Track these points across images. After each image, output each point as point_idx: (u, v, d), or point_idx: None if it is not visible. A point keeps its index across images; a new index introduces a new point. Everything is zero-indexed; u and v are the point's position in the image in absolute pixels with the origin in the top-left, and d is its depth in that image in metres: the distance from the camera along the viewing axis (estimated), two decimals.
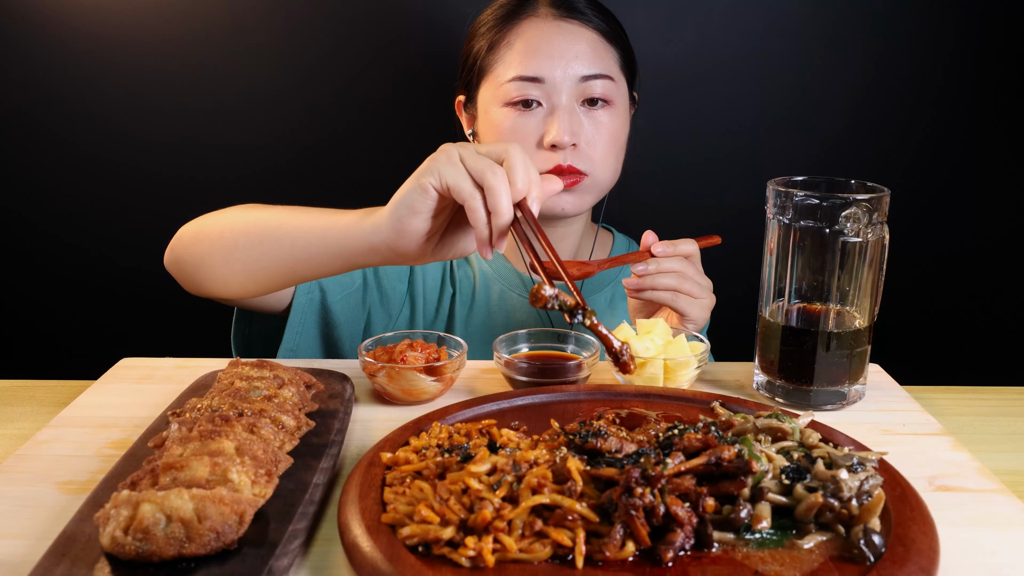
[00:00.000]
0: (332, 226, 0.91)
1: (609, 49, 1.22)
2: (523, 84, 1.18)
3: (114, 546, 0.59)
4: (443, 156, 0.83)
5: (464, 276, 1.33)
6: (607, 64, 1.21)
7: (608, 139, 1.21)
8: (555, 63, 1.18)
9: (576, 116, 1.19)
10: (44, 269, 1.68)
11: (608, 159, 1.22)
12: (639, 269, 1.07)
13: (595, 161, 1.21)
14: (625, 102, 1.25)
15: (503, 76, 1.20)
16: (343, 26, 1.57)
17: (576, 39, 1.19)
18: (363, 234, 0.89)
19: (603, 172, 1.23)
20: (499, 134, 1.22)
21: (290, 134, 1.62)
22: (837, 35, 1.57)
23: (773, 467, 0.68)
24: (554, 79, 1.18)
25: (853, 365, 0.92)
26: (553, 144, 1.18)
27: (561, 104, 1.18)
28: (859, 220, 0.87)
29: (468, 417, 0.85)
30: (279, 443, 0.75)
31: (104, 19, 1.54)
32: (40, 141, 1.61)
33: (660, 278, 1.07)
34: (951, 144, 1.62)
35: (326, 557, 0.65)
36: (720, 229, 1.64)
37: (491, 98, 1.22)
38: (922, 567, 0.60)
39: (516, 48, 1.20)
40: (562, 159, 1.18)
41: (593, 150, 1.20)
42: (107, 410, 0.92)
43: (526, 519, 0.63)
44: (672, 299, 1.07)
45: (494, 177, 0.80)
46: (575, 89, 1.19)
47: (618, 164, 1.26)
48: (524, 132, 1.20)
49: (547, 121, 1.19)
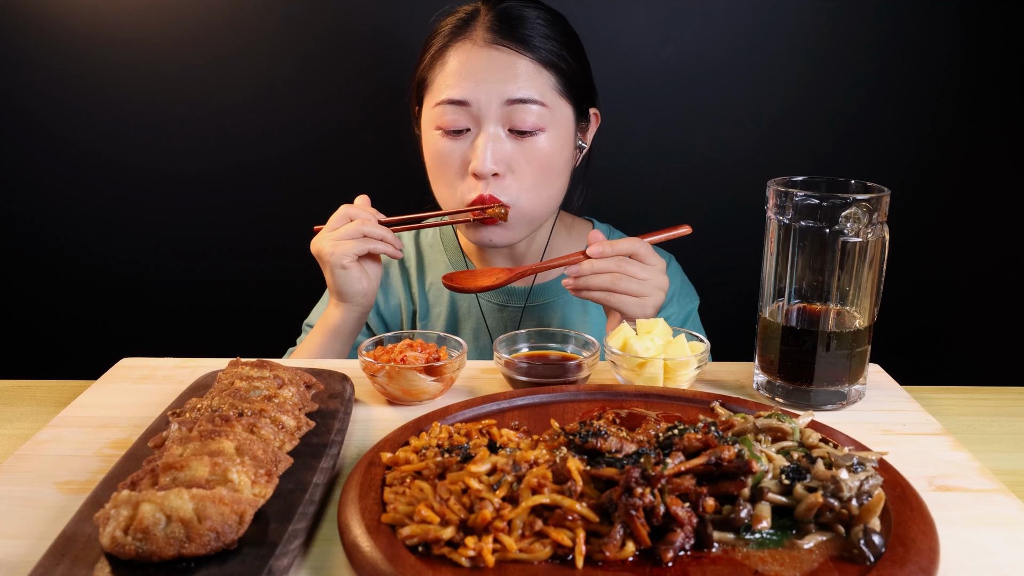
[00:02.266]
0: (334, 330, 1.22)
1: (544, 74, 1.18)
2: (450, 107, 1.17)
3: (114, 546, 0.59)
4: (328, 244, 1.15)
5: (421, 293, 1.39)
6: (539, 89, 1.17)
7: (538, 167, 1.19)
8: (480, 87, 1.16)
9: (502, 144, 1.17)
10: (44, 269, 1.68)
11: (537, 187, 1.20)
12: (573, 270, 1.09)
13: (519, 190, 1.19)
14: (564, 126, 1.22)
15: (435, 97, 1.19)
16: (341, 26, 1.57)
17: (505, 66, 1.16)
18: (348, 317, 1.21)
19: (530, 201, 1.20)
20: (430, 157, 1.23)
21: (290, 134, 1.62)
22: (837, 35, 1.57)
23: (773, 467, 0.68)
24: (479, 103, 1.16)
25: (853, 365, 0.92)
26: (474, 172, 1.17)
27: (487, 131, 1.17)
28: (859, 220, 0.87)
29: (468, 417, 0.85)
30: (279, 443, 0.75)
31: (104, 19, 1.54)
32: (40, 141, 1.61)
33: (593, 279, 1.08)
34: (951, 143, 1.62)
35: (326, 557, 0.65)
36: (720, 229, 1.65)
37: (428, 118, 1.22)
38: (922, 567, 0.60)
39: (448, 70, 1.18)
40: (484, 188, 1.18)
41: (519, 179, 1.19)
42: (107, 410, 0.92)
43: (526, 519, 0.63)
44: (606, 298, 1.08)
45: (359, 223, 1.14)
46: (501, 114, 1.16)
47: (553, 191, 1.24)
48: (451, 158, 1.19)
49: (473, 147, 1.18)
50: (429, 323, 1.38)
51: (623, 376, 0.97)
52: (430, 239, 1.42)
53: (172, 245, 1.67)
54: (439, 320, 1.37)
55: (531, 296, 1.34)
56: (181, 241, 1.67)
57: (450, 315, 1.36)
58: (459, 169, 1.20)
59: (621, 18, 1.53)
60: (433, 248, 1.41)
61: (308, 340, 1.24)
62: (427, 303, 1.38)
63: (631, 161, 1.63)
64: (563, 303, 1.35)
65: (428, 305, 1.38)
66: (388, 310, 1.40)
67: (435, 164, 1.23)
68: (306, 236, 1.18)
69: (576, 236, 1.41)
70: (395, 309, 1.40)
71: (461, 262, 1.38)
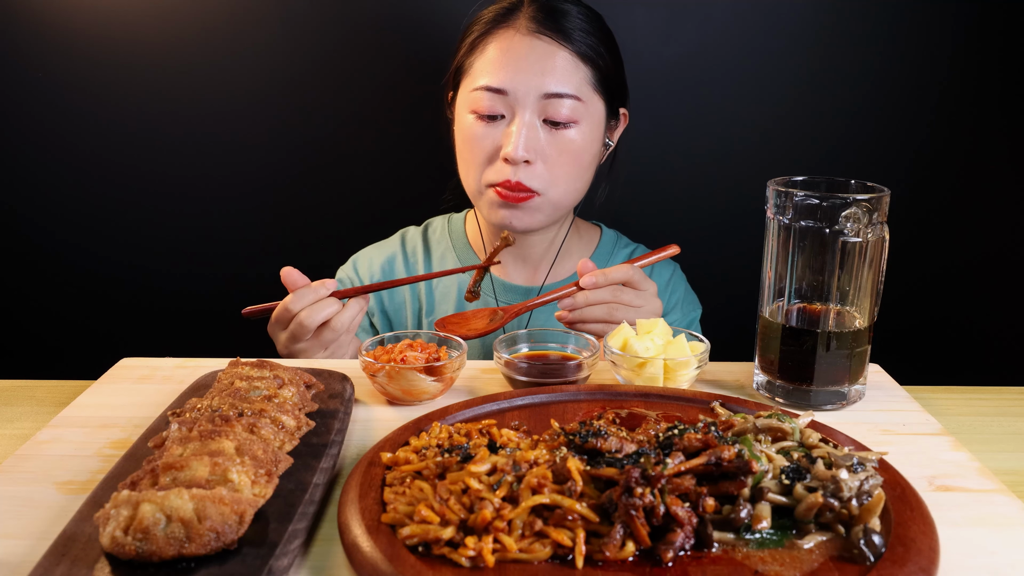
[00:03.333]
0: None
1: (581, 68, 1.20)
2: (487, 94, 1.19)
3: (114, 546, 0.59)
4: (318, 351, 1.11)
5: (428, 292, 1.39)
6: (576, 83, 1.19)
7: (569, 159, 1.21)
8: (519, 77, 1.18)
9: (535, 132, 1.19)
10: (44, 269, 1.68)
11: (566, 179, 1.22)
12: (566, 303, 1.09)
13: (549, 180, 1.21)
14: (596, 121, 1.24)
15: (473, 83, 1.21)
16: (343, 24, 1.57)
17: (545, 56, 1.18)
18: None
19: (558, 192, 1.22)
20: (464, 140, 1.24)
21: (291, 133, 1.62)
22: (837, 35, 1.56)
23: (773, 467, 0.68)
24: (516, 92, 1.18)
25: (853, 365, 0.92)
26: (506, 158, 1.18)
27: (522, 119, 1.18)
28: (859, 220, 0.87)
29: (468, 417, 0.85)
30: (279, 443, 0.75)
31: (104, 19, 1.54)
32: (40, 141, 1.61)
33: (588, 311, 1.08)
34: (952, 144, 1.62)
35: (326, 557, 0.65)
36: (720, 229, 1.65)
37: (463, 102, 1.24)
38: (922, 567, 0.60)
39: (488, 57, 1.20)
40: (512, 174, 1.19)
41: (549, 169, 1.20)
42: (107, 410, 0.92)
43: (526, 519, 0.63)
44: (604, 329, 1.07)
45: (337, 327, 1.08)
46: (538, 105, 1.18)
47: (580, 183, 1.26)
48: (483, 142, 1.21)
49: (506, 133, 1.19)
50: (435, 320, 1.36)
51: (623, 376, 0.97)
52: (438, 235, 1.42)
53: (173, 245, 1.67)
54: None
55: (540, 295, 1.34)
56: (182, 241, 1.67)
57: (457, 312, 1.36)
58: (490, 154, 1.21)
59: (621, 18, 1.53)
60: (441, 243, 1.40)
61: None
62: (434, 300, 1.37)
63: (630, 161, 1.63)
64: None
65: (435, 302, 1.37)
66: (393, 307, 1.39)
67: (466, 147, 1.24)
68: (307, 236, 1.18)
69: (587, 241, 1.41)
70: (399, 306, 1.39)
71: (469, 257, 1.38)
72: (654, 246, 1.36)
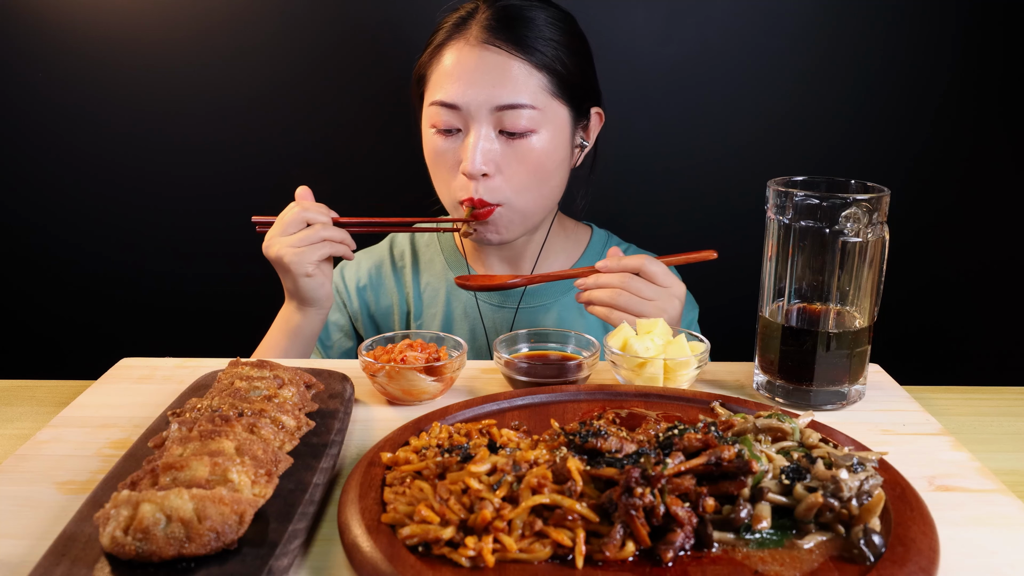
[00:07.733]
0: (296, 332, 1.21)
1: (536, 76, 1.16)
2: (443, 109, 1.17)
3: (114, 546, 0.59)
4: (289, 252, 1.12)
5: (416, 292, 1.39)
6: (531, 92, 1.16)
7: (530, 167, 1.18)
8: (470, 91, 1.15)
9: (492, 144, 1.17)
10: (44, 269, 1.68)
11: (529, 187, 1.20)
12: (580, 282, 1.11)
13: (511, 190, 1.19)
14: (559, 126, 1.20)
15: (431, 96, 1.20)
16: (341, 26, 1.57)
17: (495, 67, 1.15)
18: (312, 321, 1.21)
19: (523, 200, 1.20)
20: (427, 154, 1.24)
21: (291, 134, 1.62)
22: (837, 35, 1.56)
23: (773, 467, 0.68)
24: (469, 107, 1.15)
25: (853, 365, 0.92)
26: (464, 172, 1.17)
27: (477, 132, 1.16)
28: (859, 220, 0.87)
29: (468, 417, 0.85)
30: (279, 443, 0.75)
31: (104, 19, 1.54)
32: (40, 141, 1.61)
33: (596, 293, 1.09)
34: (952, 144, 1.62)
35: (326, 557, 0.65)
36: (720, 229, 1.65)
37: (425, 115, 1.23)
38: (922, 567, 0.60)
39: (442, 69, 1.18)
40: (474, 191, 1.18)
41: (509, 179, 1.18)
42: (107, 410, 0.92)
43: (526, 519, 0.63)
44: (607, 314, 1.07)
45: (319, 228, 1.14)
46: (491, 118, 1.16)
47: (546, 189, 1.23)
48: (445, 156, 1.20)
49: (464, 147, 1.18)
50: (423, 324, 1.37)
51: (623, 376, 0.97)
52: (426, 239, 1.41)
53: (172, 245, 1.67)
54: (434, 321, 1.36)
55: (524, 299, 1.34)
56: (182, 241, 1.67)
57: (445, 316, 1.36)
58: (452, 167, 1.20)
59: (621, 18, 1.53)
60: (429, 248, 1.40)
61: (270, 343, 1.23)
62: (422, 304, 1.37)
63: (630, 161, 1.63)
64: (559, 306, 1.35)
65: (423, 306, 1.37)
66: (379, 311, 1.38)
67: (431, 161, 1.24)
68: None
69: (574, 241, 1.40)
70: (387, 310, 1.38)
71: (458, 262, 1.38)
72: (654, 246, 1.36)
